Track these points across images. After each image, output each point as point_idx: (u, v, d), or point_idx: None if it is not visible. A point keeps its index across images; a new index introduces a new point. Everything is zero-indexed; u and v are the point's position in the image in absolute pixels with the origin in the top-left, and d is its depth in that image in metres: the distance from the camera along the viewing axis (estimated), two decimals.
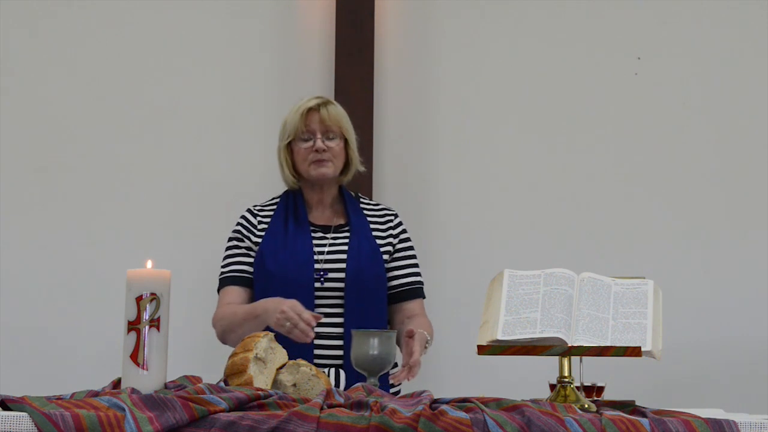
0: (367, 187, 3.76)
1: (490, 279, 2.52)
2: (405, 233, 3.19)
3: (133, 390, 2.17)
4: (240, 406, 2.08)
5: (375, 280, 3.06)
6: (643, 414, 2.17)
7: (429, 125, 4.04)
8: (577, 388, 2.41)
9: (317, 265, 3.03)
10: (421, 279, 3.17)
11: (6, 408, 2.07)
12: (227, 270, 3.10)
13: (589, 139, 4.03)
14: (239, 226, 3.13)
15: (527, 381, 3.03)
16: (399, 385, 3.14)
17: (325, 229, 3.11)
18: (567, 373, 2.36)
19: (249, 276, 3.07)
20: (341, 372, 2.92)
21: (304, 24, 4.05)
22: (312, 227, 3.10)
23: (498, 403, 2.11)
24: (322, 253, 3.06)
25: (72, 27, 4.03)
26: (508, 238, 3.98)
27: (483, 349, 2.36)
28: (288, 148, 3.11)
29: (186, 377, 2.34)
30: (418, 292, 3.15)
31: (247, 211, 3.16)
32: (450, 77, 4.05)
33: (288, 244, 3.05)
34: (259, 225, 3.12)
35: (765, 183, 3.97)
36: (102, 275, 3.88)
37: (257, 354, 2.36)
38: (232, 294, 3.06)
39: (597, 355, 2.33)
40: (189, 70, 4.04)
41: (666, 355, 2.42)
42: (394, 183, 4.00)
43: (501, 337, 2.34)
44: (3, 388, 3.02)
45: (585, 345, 2.32)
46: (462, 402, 2.12)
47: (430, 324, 3.07)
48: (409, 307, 3.11)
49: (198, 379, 2.33)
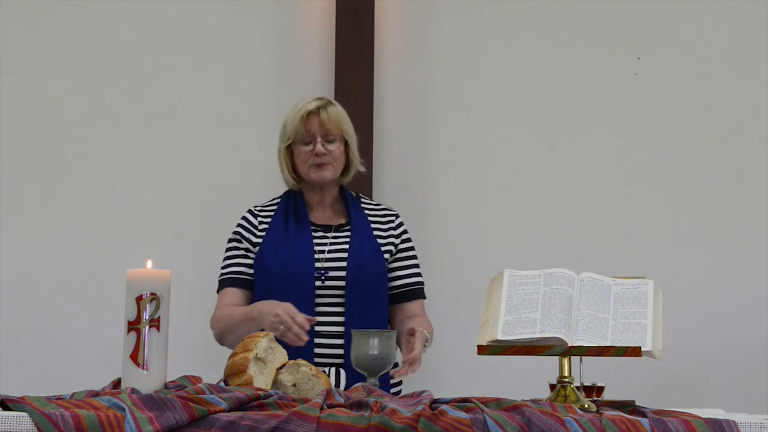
0: (367, 187, 3.76)
1: (490, 279, 2.52)
2: (406, 233, 3.19)
3: (133, 390, 2.17)
4: (240, 406, 2.08)
5: (376, 279, 3.06)
6: (643, 414, 2.17)
7: (429, 125, 4.04)
8: (577, 388, 2.41)
9: (318, 264, 3.04)
10: (422, 279, 3.18)
11: (6, 408, 2.07)
12: (226, 271, 3.10)
13: (589, 139, 4.03)
14: (239, 227, 3.13)
15: (527, 381, 3.04)
16: (400, 386, 3.14)
17: (326, 229, 3.11)
18: (567, 373, 2.36)
19: (247, 277, 3.07)
20: (341, 371, 2.92)
21: (304, 24, 4.05)
22: (313, 227, 3.10)
23: (498, 403, 2.11)
24: (322, 252, 3.06)
25: (72, 27, 4.03)
26: (508, 238, 3.98)
27: (483, 349, 2.36)
28: (288, 150, 3.11)
29: (186, 377, 2.34)
30: (418, 292, 3.15)
31: (248, 212, 3.16)
32: (450, 77, 4.05)
33: (289, 243, 3.05)
34: (260, 225, 3.12)
35: (765, 183, 3.97)
36: (102, 275, 3.88)
37: (257, 354, 2.36)
38: (230, 296, 3.07)
39: (597, 355, 2.33)
40: (189, 70, 4.04)
41: (666, 355, 2.42)
42: (394, 183, 3.99)
43: (501, 337, 2.34)
44: (3, 388, 3.02)
45: (585, 345, 2.32)
46: (462, 402, 2.12)
47: (430, 324, 3.07)
48: (410, 308, 3.12)
49: (198, 379, 2.33)
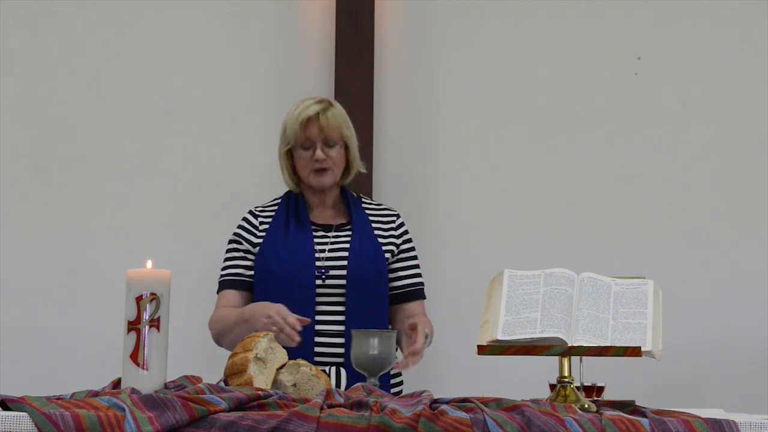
0: (367, 187, 3.76)
1: (490, 279, 2.52)
2: (407, 234, 3.20)
3: (133, 390, 2.17)
4: (240, 406, 2.08)
5: (376, 278, 3.06)
6: (643, 414, 2.17)
7: (429, 125, 4.04)
8: (577, 388, 2.41)
9: (318, 263, 3.04)
10: (422, 280, 3.19)
11: (6, 408, 2.07)
12: (224, 273, 3.11)
13: (589, 139, 4.03)
14: (239, 228, 3.14)
15: (527, 381, 3.03)
16: (400, 386, 3.14)
17: (327, 228, 3.12)
18: (567, 373, 2.36)
19: (245, 279, 3.08)
20: (342, 370, 2.92)
21: (304, 24, 4.05)
22: (313, 226, 3.11)
23: (498, 403, 2.11)
24: (323, 251, 3.06)
25: (72, 27, 4.03)
26: (508, 238, 3.98)
27: (483, 349, 2.36)
28: (288, 153, 3.11)
29: (186, 377, 2.34)
30: (419, 293, 3.16)
31: (249, 213, 3.17)
32: (450, 77, 4.05)
33: (289, 243, 3.06)
34: (261, 226, 3.12)
35: (765, 183, 3.97)
36: (102, 275, 3.88)
37: (257, 354, 2.36)
38: (227, 297, 3.08)
39: (597, 355, 2.33)
40: (189, 70, 4.04)
41: (666, 355, 2.42)
42: (394, 183, 3.99)
43: (501, 337, 2.34)
44: (3, 388, 3.02)
45: (585, 345, 2.32)
46: (462, 402, 2.12)
47: (430, 324, 3.08)
48: (411, 308, 3.13)
49: (198, 379, 2.33)
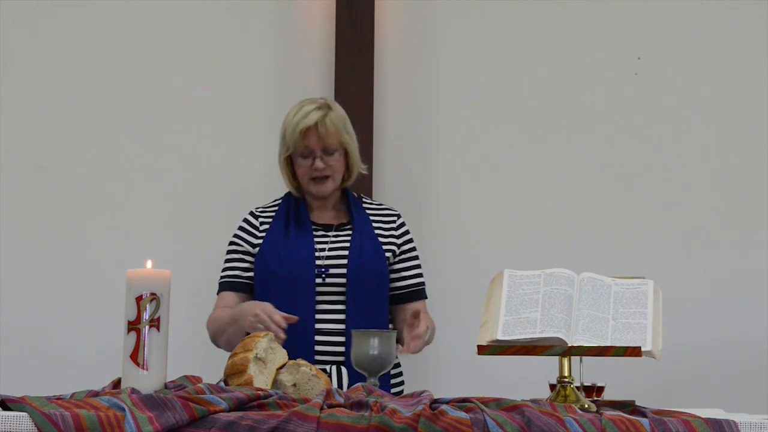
0: (367, 187, 3.75)
1: (490, 279, 2.52)
2: (408, 234, 3.20)
3: (133, 390, 2.17)
4: (240, 406, 2.08)
5: (376, 277, 3.06)
6: (643, 414, 2.17)
7: (429, 125, 4.04)
8: (577, 388, 2.41)
9: (318, 262, 3.04)
10: (423, 280, 3.19)
11: (6, 408, 2.07)
12: (223, 275, 3.13)
13: (589, 139, 4.03)
14: (239, 229, 3.15)
15: (527, 381, 3.04)
16: (401, 386, 3.14)
17: (327, 228, 3.12)
18: (567, 373, 2.36)
19: (243, 281, 3.09)
20: (343, 369, 2.92)
21: (304, 24, 4.04)
22: (314, 226, 3.11)
23: (498, 403, 2.11)
24: (323, 251, 3.06)
25: (72, 27, 4.03)
26: (508, 238, 3.98)
27: (483, 349, 2.35)
28: (288, 159, 3.11)
29: (186, 377, 2.34)
30: (421, 293, 3.17)
31: (249, 213, 3.18)
32: (450, 77, 4.05)
33: (289, 242, 3.06)
34: (261, 226, 3.13)
35: (765, 183, 3.97)
36: (102, 275, 3.88)
37: (257, 354, 2.36)
38: (225, 299, 3.09)
39: (597, 355, 2.33)
40: (189, 70, 4.03)
41: (666, 355, 2.42)
42: (394, 183, 3.99)
43: (501, 337, 2.34)
44: (3, 388, 3.02)
45: (585, 345, 2.32)
46: (462, 402, 2.12)
47: (432, 320, 3.07)
48: (412, 308, 3.11)
49: (198, 379, 2.33)
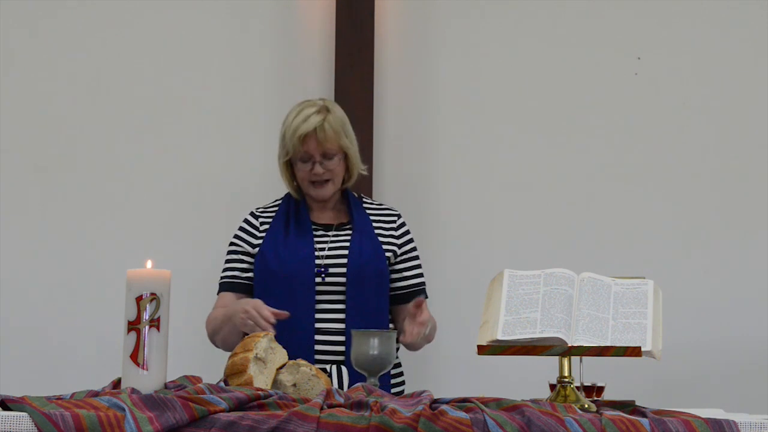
0: (367, 187, 3.75)
1: (490, 279, 2.52)
2: (408, 234, 3.20)
3: (133, 390, 2.17)
4: (240, 406, 2.08)
5: (376, 277, 3.06)
6: (643, 414, 2.17)
7: (429, 125, 4.04)
8: (577, 388, 2.41)
9: (318, 262, 3.04)
10: (424, 279, 3.19)
11: (6, 408, 2.07)
12: (223, 275, 3.14)
13: (589, 139, 4.03)
14: (239, 230, 3.15)
15: (527, 381, 3.04)
16: (401, 386, 3.14)
17: (327, 228, 3.12)
18: (567, 373, 2.36)
19: (242, 281, 3.10)
20: (343, 368, 2.92)
21: (304, 24, 4.04)
22: (314, 226, 3.11)
23: (498, 403, 2.11)
24: (323, 251, 3.06)
25: (72, 27, 4.03)
26: (508, 238, 3.98)
27: (483, 349, 2.36)
28: (287, 162, 3.11)
29: (186, 377, 2.34)
30: (421, 293, 3.16)
31: (250, 214, 3.18)
32: (450, 77, 4.05)
33: (289, 242, 3.06)
34: (261, 226, 3.13)
35: (765, 183, 3.97)
36: (102, 275, 3.88)
37: (257, 354, 2.36)
38: (224, 299, 3.10)
39: (597, 355, 2.33)
40: (189, 70, 4.03)
41: (666, 355, 2.42)
42: (394, 183, 3.99)
43: (501, 337, 2.34)
44: (3, 388, 3.02)
45: (585, 345, 2.32)
46: (462, 402, 2.12)
47: (433, 318, 3.07)
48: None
49: (198, 379, 2.33)
